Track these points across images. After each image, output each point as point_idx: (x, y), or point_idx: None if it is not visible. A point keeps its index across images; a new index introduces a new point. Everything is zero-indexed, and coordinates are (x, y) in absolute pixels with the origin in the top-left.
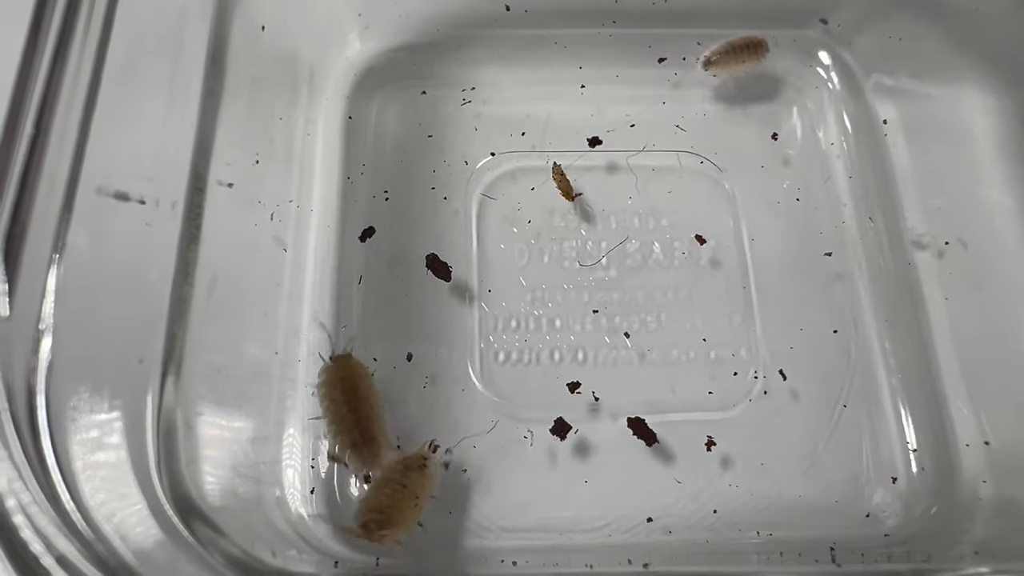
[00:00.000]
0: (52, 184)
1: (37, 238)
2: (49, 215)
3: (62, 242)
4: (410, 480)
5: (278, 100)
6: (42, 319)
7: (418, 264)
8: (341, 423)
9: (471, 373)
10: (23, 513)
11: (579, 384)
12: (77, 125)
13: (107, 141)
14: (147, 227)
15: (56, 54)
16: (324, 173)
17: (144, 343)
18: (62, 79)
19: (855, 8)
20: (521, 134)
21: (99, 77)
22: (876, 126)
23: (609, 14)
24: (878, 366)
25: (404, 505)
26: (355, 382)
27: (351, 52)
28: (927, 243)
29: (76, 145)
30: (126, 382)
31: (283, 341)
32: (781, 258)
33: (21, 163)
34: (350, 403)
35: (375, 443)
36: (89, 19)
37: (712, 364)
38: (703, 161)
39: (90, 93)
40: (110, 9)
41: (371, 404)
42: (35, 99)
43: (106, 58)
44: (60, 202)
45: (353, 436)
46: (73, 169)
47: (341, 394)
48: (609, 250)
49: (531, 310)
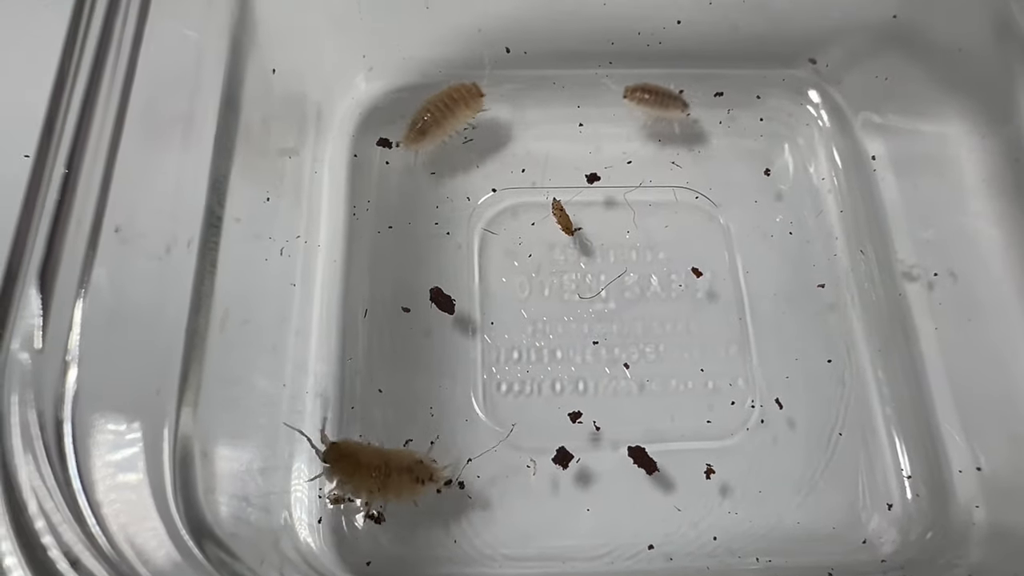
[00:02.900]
0: (79, 222)
1: (66, 274)
2: (76, 252)
3: (87, 278)
4: (392, 482)
5: (287, 139)
6: (69, 351)
7: (422, 297)
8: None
9: (474, 404)
10: (51, 533)
11: (580, 414)
12: (102, 166)
13: (128, 181)
14: (164, 264)
15: (85, 99)
16: (330, 209)
17: (161, 375)
18: (91, 123)
19: (842, 49)
20: (522, 171)
21: (122, 120)
22: (865, 162)
23: (606, 56)
24: (872, 395)
25: (365, 472)
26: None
27: (357, 93)
28: (917, 275)
29: (101, 185)
30: (145, 412)
31: (291, 374)
32: (776, 290)
33: (54, 202)
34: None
35: (424, 465)
36: (115, 65)
37: (710, 394)
38: (698, 196)
39: (114, 136)
40: (133, 55)
41: (391, 453)
42: (66, 141)
43: (129, 102)
44: (86, 240)
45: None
46: (98, 208)
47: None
48: (608, 283)
49: (532, 342)
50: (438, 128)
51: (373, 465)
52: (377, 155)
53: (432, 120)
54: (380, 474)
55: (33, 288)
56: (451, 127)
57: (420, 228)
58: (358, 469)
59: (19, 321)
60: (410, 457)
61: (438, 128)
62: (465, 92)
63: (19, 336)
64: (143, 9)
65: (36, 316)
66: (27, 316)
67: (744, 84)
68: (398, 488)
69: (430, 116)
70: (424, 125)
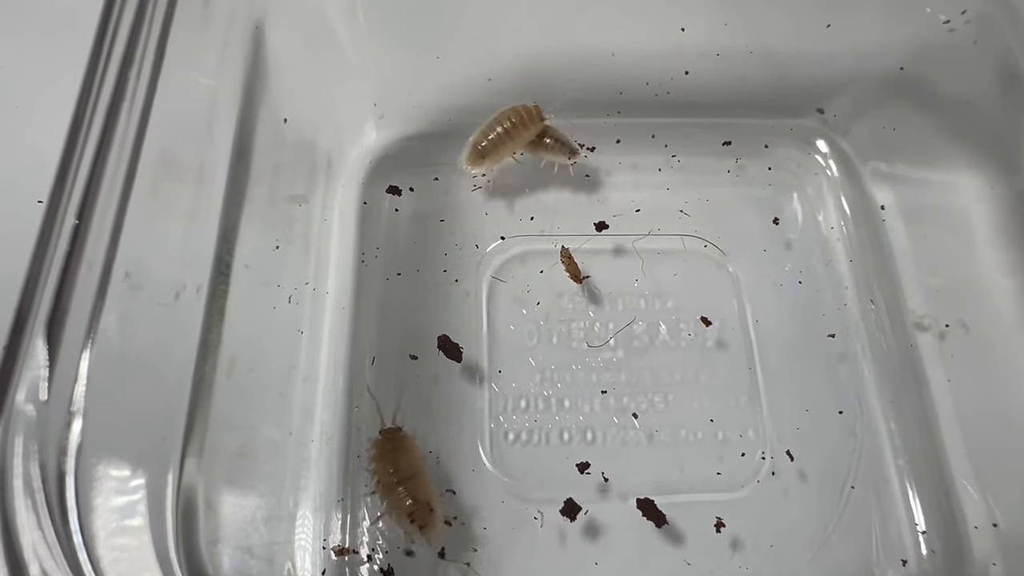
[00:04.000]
0: (89, 270)
1: (74, 323)
2: (85, 300)
3: (95, 326)
4: (396, 497)
5: (298, 186)
6: (74, 402)
7: (429, 345)
8: (393, 496)
9: (481, 453)
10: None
11: (588, 465)
12: (113, 214)
13: (139, 228)
14: (173, 310)
15: (99, 146)
16: (339, 256)
17: (167, 422)
18: (103, 170)
19: (850, 99)
20: (530, 218)
21: (135, 168)
22: (874, 211)
23: (614, 105)
24: (884, 447)
25: (389, 468)
26: (404, 455)
27: (367, 141)
28: (928, 325)
29: (111, 232)
30: (149, 460)
31: (297, 422)
32: (785, 339)
33: (64, 250)
34: (401, 476)
35: (433, 514)
36: (130, 112)
37: (720, 445)
38: (707, 245)
39: (126, 183)
40: (147, 103)
41: (423, 476)
42: (79, 189)
43: (142, 150)
44: (95, 287)
45: (409, 508)
46: (108, 255)
47: (391, 467)
48: (617, 331)
49: (540, 390)
50: (497, 150)
51: (400, 468)
52: (387, 202)
53: (492, 143)
54: (397, 481)
55: (40, 339)
56: (511, 149)
57: (429, 275)
58: (389, 462)
59: (25, 372)
60: (426, 495)
61: (497, 150)
62: (525, 114)
63: (24, 387)
64: (159, 56)
65: (43, 367)
66: (33, 367)
67: (752, 133)
68: (396, 506)
69: (491, 138)
70: (485, 148)
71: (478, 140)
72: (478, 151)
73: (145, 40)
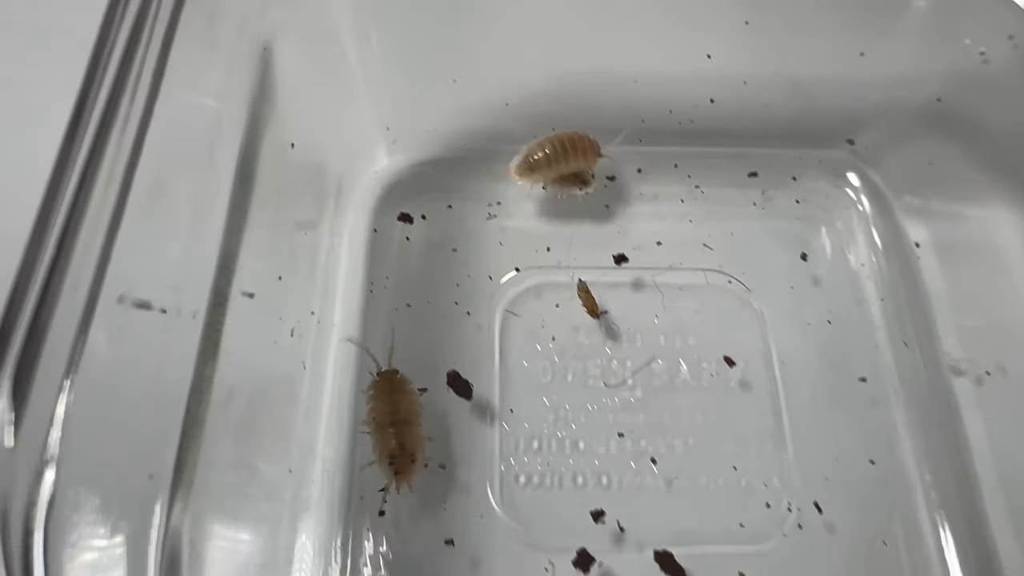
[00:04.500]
0: (73, 294)
1: (51, 360)
2: (67, 330)
3: (78, 357)
4: (382, 438)
5: (305, 212)
6: (48, 448)
7: (439, 380)
8: (382, 434)
9: (490, 496)
10: None
11: (603, 513)
12: (103, 236)
13: (131, 250)
14: (166, 337)
15: (88, 164)
16: (347, 286)
17: (155, 461)
18: (91, 190)
19: (882, 130)
20: (547, 249)
21: (128, 189)
22: (908, 247)
23: (635, 132)
24: (918, 499)
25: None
26: (398, 397)
27: (378, 166)
28: (965, 369)
29: (100, 255)
30: (132, 505)
31: (297, 459)
32: (813, 382)
33: (40, 283)
34: (395, 418)
35: (413, 465)
36: (123, 132)
37: (743, 493)
38: (731, 280)
39: (117, 205)
40: (144, 122)
41: (415, 424)
42: (62, 212)
43: (137, 169)
44: (79, 316)
45: (390, 448)
46: (95, 281)
47: (386, 406)
48: (635, 370)
49: (554, 431)
50: (548, 168)
51: (398, 411)
52: (398, 230)
53: (546, 158)
54: (390, 422)
55: (6, 379)
56: (560, 171)
57: (439, 307)
58: (387, 402)
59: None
60: (413, 444)
61: (548, 168)
62: (587, 144)
63: None
64: (157, 75)
65: (8, 411)
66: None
67: (779, 164)
68: (380, 446)
69: (547, 153)
70: (538, 161)
71: (533, 151)
72: (530, 163)
73: (143, 57)
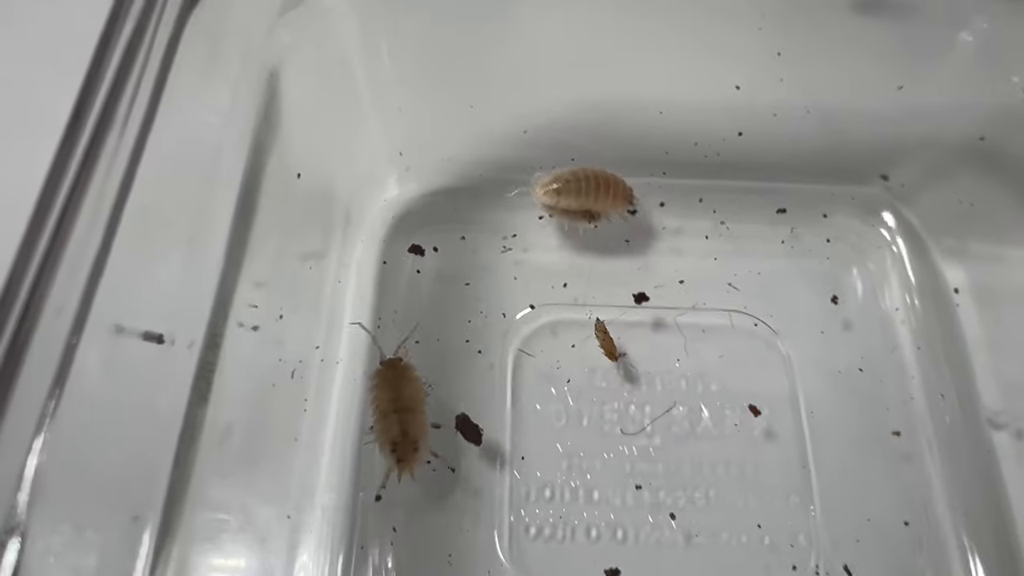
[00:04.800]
0: (56, 319)
1: (26, 395)
2: (47, 359)
3: (59, 387)
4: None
5: (310, 242)
6: (15, 515)
7: (447, 423)
8: (385, 422)
9: (498, 549)
10: None
11: (618, 572)
12: (92, 258)
13: (122, 274)
14: (158, 369)
15: (77, 180)
16: (353, 320)
17: (141, 499)
18: (80, 209)
19: (919, 167)
20: (563, 285)
21: (120, 210)
22: (944, 291)
23: (659, 165)
24: (955, 566)
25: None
26: (402, 384)
27: (389, 195)
28: (1005, 423)
29: (88, 279)
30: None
31: (296, 502)
32: (843, 433)
33: (20, 306)
34: (400, 405)
35: (416, 453)
36: (118, 145)
37: (767, 552)
38: (757, 323)
39: (109, 225)
40: (139, 145)
41: (420, 412)
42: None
43: (130, 192)
44: (62, 344)
45: (393, 435)
46: (81, 306)
47: (390, 393)
48: (655, 418)
49: (567, 480)
50: (575, 198)
51: (402, 398)
52: (408, 262)
53: (576, 188)
54: (394, 409)
55: None
56: (584, 205)
57: (450, 344)
58: (391, 389)
59: None
60: (416, 432)
61: (575, 198)
62: (621, 188)
63: None
64: (154, 99)
65: None
66: None
67: (809, 200)
68: (384, 433)
69: (580, 182)
70: (566, 188)
71: (564, 176)
72: (557, 189)
73: (140, 72)
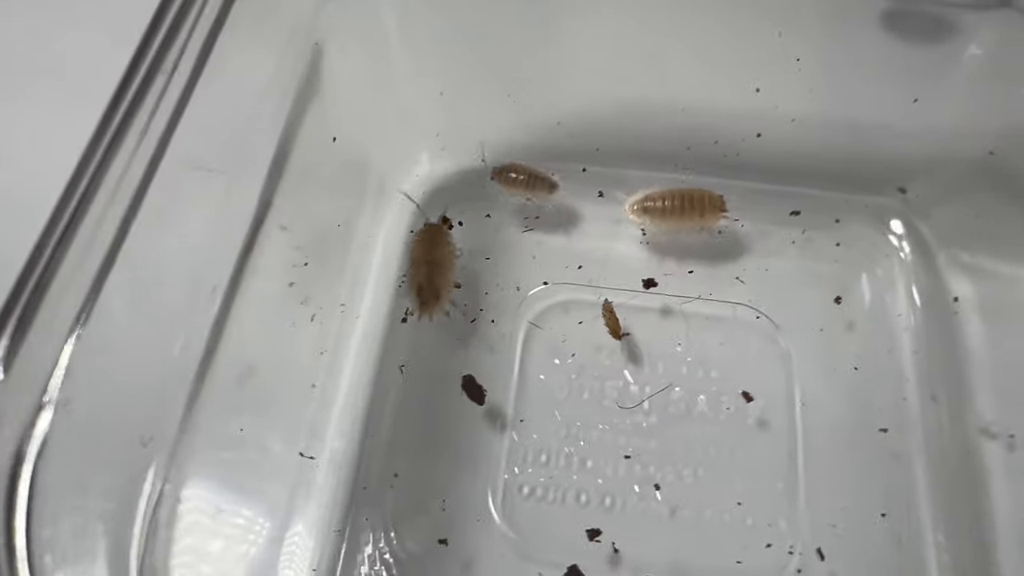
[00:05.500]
0: (88, 249)
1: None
2: (83, 280)
3: (88, 310)
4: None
5: (342, 203)
6: (48, 391)
7: (454, 383)
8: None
9: (490, 503)
10: None
11: (600, 532)
12: (128, 200)
13: (156, 216)
14: (184, 306)
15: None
16: (377, 281)
17: (156, 425)
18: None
19: (933, 180)
20: (578, 267)
21: (160, 156)
22: (948, 302)
23: (681, 160)
24: (930, 561)
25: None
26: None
27: (422, 170)
28: (996, 432)
29: (123, 218)
30: (125, 465)
31: (305, 443)
32: (834, 427)
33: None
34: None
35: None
36: (159, 102)
37: (746, 531)
38: (759, 316)
39: (148, 170)
40: (185, 95)
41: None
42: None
43: (172, 136)
44: (97, 267)
45: (420, 279)
46: (116, 238)
47: (425, 249)
48: (652, 395)
49: (562, 446)
50: (662, 219)
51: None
52: None
53: (663, 211)
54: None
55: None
56: (673, 226)
57: (466, 312)
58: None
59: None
60: (441, 283)
61: (662, 219)
62: (708, 201)
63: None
64: (209, 40)
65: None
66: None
67: (823, 206)
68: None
69: (669, 205)
70: (653, 208)
71: (655, 196)
72: (646, 207)
73: (189, 33)
